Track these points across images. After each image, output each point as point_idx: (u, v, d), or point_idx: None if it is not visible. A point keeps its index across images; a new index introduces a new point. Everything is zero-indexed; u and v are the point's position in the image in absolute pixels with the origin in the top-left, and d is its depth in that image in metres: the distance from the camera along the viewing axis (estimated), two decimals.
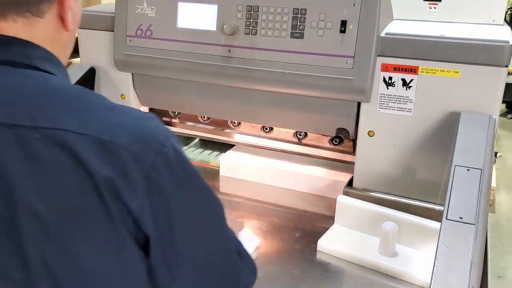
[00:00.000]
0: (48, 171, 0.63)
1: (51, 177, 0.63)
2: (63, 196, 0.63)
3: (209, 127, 1.66)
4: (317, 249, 1.23)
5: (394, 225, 1.16)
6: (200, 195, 0.74)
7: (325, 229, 1.29)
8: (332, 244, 1.23)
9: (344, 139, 1.40)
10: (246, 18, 1.31)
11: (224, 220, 0.78)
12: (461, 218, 0.90)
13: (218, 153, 1.82)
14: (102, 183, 0.63)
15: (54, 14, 0.72)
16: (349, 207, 1.29)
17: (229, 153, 1.69)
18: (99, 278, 0.65)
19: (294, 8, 1.26)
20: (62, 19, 0.73)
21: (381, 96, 1.26)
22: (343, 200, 1.31)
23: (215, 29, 1.34)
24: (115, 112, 0.69)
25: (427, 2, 1.55)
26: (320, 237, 1.25)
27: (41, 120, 0.64)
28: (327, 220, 1.35)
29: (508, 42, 1.14)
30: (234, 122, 1.60)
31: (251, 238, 1.24)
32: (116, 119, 0.68)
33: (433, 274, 0.81)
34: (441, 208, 1.18)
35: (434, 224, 1.16)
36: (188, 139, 1.92)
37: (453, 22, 1.41)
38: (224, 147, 1.75)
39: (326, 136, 1.49)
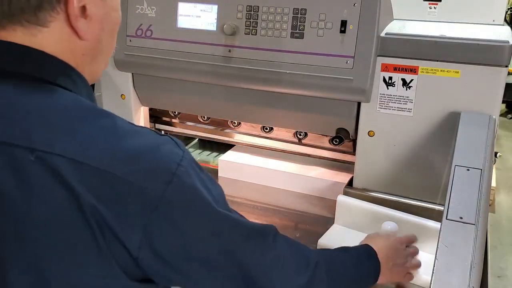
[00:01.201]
0: (38, 196, 0.60)
1: (40, 204, 0.60)
2: (52, 225, 0.60)
3: (209, 127, 1.66)
4: (317, 248, 1.22)
5: (394, 225, 1.15)
6: (222, 221, 0.71)
7: (325, 230, 1.29)
8: (332, 243, 1.22)
9: (344, 139, 1.40)
10: (246, 18, 1.31)
11: (259, 243, 0.76)
12: (461, 218, 0.90)
13: (217, 153, 1.82)
14: (91, 214, 0.60)
15: (62, 23, 0.67)
16: (349, 207, 1.29)
17: (228, 153, 1.68)
18: None
19: (294, 8, 1.26)
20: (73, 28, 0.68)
21: (381, 96, 1.26)
22: (343, 200, 1.30)
23: (215, 29, 1.34)
24: (122, 139, 0.64)
25: (427, 2, 1.55)
26: (320, 237, 1.25)
27: (38, 142, 0.61)
28: (327, 220, 1.35)
29: (508, 42, 1.14)
30: (234, 122, 1.60)
31: None
32: (120, 146, 0.64)
33: (433, 274, 0.81)
34: (441, 208, 1.18)
35: (434, 224, 1.17)
36: (187, 139, 1.92)
37: (453, 22, 1.41)
38: (223, 147, 1.75)
39: (326, 136, 1.49)
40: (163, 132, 1.76)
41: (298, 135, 1.54)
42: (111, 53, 0.79)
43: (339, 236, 1.26)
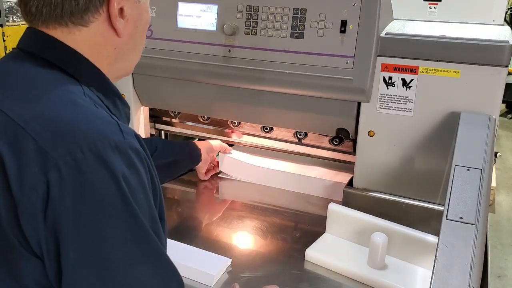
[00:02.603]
0: None
1: None
2: None
3: (209, 127, 1.66)
4: (305, 258, 1.19)
5: (383, 236, 1.11)
6: (108, 221, 0.65)
7: (324, 230, 1.28)
8: (320, 254, 1.19)
9: (344, 139, 1.40)
10: (246, 18, 1.31)
11: (147, 260, 0.68)
12: (461, 218, 0.90)
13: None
14: None
15: (102, 23, 0.75)
16: (340, 215, 1.25)
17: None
18: None
19: (294, 8, 1.26)
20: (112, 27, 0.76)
21: (381, 96, 1.26)
22: (334, 209, 1.26)
23: (215, 29, 1.34)
24: (61, 108, 0.68)
25: (427, 2, 1.55)
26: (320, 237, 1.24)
27: None
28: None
29: (508, 42, 1.14)
30: (234, 122, 1.60)
31: (222, 259, 1.15)
32: (52, 111, 0.67)
33: (433, 274, 0.81)
34: (441, 208, 1.18)
35: (427, 237, 1.13)
36: (187, 139, 1.92)
37: (453, 22, 1.41)
38: None
39: (326, 136, 1.49)
40: (163, 132, 1.77)
41: (298, 135, 1.54)
42: (142, 48, 0.87)
43: (328, 246, 1.23)
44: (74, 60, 0.75)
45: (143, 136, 1.67)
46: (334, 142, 1.45)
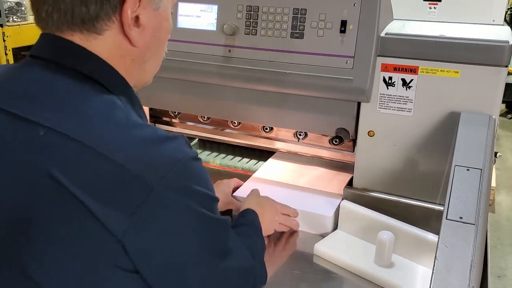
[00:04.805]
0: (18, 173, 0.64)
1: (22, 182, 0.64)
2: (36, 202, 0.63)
3: (209, 127, 1.66)
4: (314, 252, 1.20)
5: (390, 234, 1.12)
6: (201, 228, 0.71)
7: (325, 229, 1.28)
8: (329, 249, 1.20)
9: (344, 139, 1.40)
10: (246, 18, 1.31)
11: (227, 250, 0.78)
12: (461, 218, 0.90)
13: (217, 153, 1.82)
14: (72, 197, 0.61)
15: (116, 31, 0.73)
16: (352, 213, 1.26)
17: None
18: None
19: (294, 8, 1.26)
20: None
21: (381, 96, 1.26)
22: (346, 206, 1.27)
23: (215, 29, 1.34)
24: (129, 129, 0.68)
25: (427, 2, 1.55)
26: (320, 237, 1.24)
27: (48, 118, 0.65)
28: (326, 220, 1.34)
29: (508, 42, 1.14)
30: (234, 122, 1.60)
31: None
32: (124, 134, 0.67)
33: (433, 274, 0.81)
34: (441, 208, 1.18)
35: (434, 237, 1.12)
36: (187, 139, 1.92)
37: (453, 22, 1.41)
38: (224, 147, 1.75)
39: (326, 136, 1.49)
40: None
41: (298, 135, 1.54)
42: (162, 58, 0.86)
43: (338, 242, 1.23)
44: (108, 72, 0.74)
45: None
46: (334, 142, 1.45)
